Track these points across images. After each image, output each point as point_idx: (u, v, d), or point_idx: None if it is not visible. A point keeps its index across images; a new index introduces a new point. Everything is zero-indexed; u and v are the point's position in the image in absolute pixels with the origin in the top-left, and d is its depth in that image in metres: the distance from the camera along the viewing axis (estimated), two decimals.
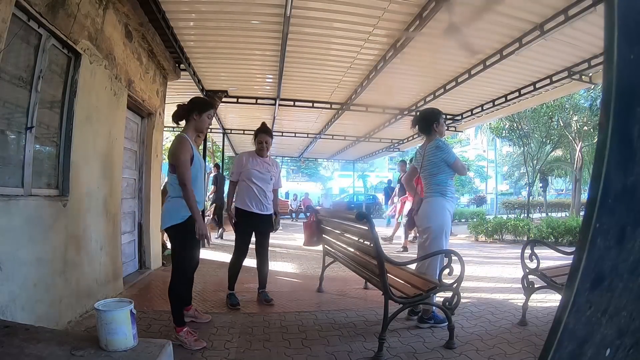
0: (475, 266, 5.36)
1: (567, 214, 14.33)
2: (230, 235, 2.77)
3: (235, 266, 3.39)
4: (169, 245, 6.15)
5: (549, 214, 16.70)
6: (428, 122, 3.04)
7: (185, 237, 2.52)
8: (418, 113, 3.27)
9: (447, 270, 2.53)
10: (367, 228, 2.44)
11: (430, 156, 2.98)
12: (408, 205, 5.86)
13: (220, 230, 8.16)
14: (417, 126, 3.12)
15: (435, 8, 3.46)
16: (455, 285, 2.51)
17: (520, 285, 2.98)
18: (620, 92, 0.53)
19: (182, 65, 5.22)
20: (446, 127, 8.10)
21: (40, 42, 2.40)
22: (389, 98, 6.71)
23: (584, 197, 13.84)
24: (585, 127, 13.15)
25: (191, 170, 2.47)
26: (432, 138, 3.03)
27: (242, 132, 10.05)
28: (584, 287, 0.55)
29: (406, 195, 6.28)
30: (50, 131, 2.66)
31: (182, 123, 2.66)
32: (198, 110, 2.57)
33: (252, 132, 3.55)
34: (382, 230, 9.87)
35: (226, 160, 13.00)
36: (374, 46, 4.58)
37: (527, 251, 2.95)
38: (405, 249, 6.76)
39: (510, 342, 2.53)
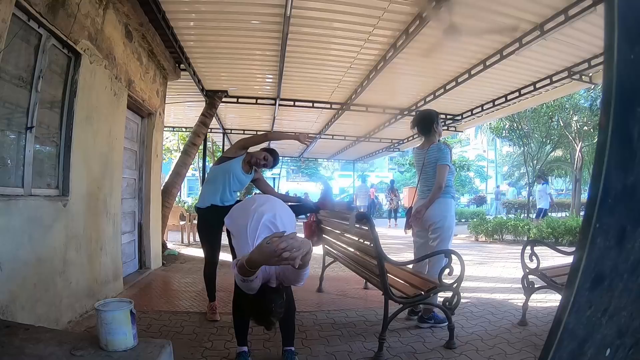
0: (475, 266, 5.36)
1: (567, 214, 14.31)
2: None
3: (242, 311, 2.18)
4: (169, 245, 6.18)
5: (549, 213, 16.68)
6: (428, 123, 3.08)
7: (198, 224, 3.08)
8: (417, 114, 3.30)
9: (447, 270, 2.53)
10: (367, 228, 2.45)
11: (431, 158, 3.03)
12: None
13: None
14: (416, 127, 3.16)
15: (436, 8, 3.46)
16: (455, 285, 2.51)
17: (520, 285, 2.98)
18: (620, 92, 0.53)
19: (182, 65, 5.22)
20: (445, 127, 8.20)
21: (40, 42, 2.40)
22: (389, 98, 6.71)
23: (584, 197, 13.84)
24: (585, 127, 13.14)
25: (215, 170, 3.02)
26: (432, 139, 3.07)
27: (242, 132, 10.03)
28: (584, 287, 0.55)
29: None
30: (50, 131, 2.66)
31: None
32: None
33: (252, 132, 3.54)
34: (382, 230, 9.86)
35: None
36: (374, 46, 4.58)
37: (527, 251, 2.95)
38: None
39: (510, 342, 2.53)
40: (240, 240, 1.80)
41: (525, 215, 13.05)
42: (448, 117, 7.86)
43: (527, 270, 2.91)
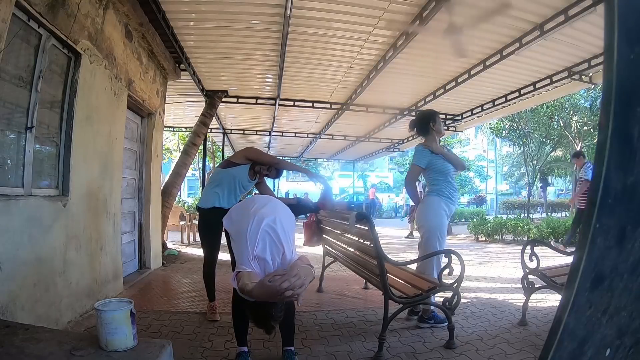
0: (475, 266, 5.36)
1: (567, 214, 14.31)
2: None
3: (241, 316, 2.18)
4: (169, 245, 6.18)
5: (549, 214, 16.70)
6: (424, 122, 3.08)
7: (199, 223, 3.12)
8: (414, 116, 3.32)
9: (447, 270, 2.52)
10: (367, 228, 2.44)
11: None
12: None
13: None
14: (415, 129, 3.16)
15: (435, 8, 3.46)
16: (455, 285, 2.51)
17: (520, 285, 2.98)
18: (620, 92, 0.53)
19: (182, 65, 5.23)
20: (446, 127, 8.21)
21: (40, 42, 2.40)
22: (389, 98, 6.71)
23: None
24: (585, 127, 13.16)
25: (221, 173, 2.98)
26: (432, 138, 3.05)
27: (242, 132, 10.04)
28: (584, 287, 0.55)
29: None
30: (50, 131, 2.66)
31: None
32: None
33: (252, 132, 3.57)
34: (382, 230, 9.86)
35: None
36: (374, 46, 4.58)
37: (527, 251, 2.95)
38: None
39: (510, 342, 2.53)
40: (240, 245, 1.78)
41: (526, 215, 13.05)
42: (448, 117, 7.86)
43: (527, 270, 2.90)
